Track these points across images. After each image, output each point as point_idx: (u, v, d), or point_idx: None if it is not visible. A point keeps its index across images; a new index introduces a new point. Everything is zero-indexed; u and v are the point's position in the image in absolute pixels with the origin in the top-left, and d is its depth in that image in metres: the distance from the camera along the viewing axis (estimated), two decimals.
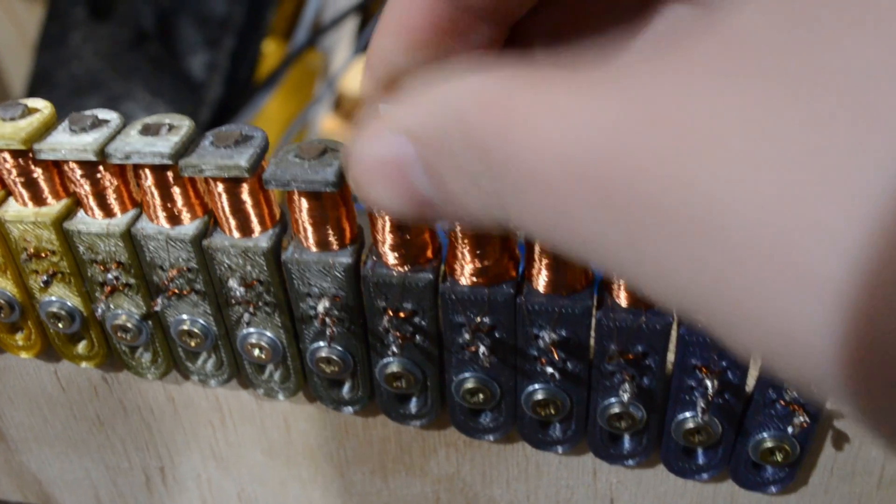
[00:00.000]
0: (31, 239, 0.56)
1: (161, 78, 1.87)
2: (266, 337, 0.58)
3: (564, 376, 0.55)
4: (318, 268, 0.53)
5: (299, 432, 0.66)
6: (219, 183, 0.52)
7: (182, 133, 0.52)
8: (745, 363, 0.52)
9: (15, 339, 0.63)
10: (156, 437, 0.69)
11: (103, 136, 0.53)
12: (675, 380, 0.54)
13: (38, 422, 0.71)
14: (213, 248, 0.54)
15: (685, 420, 0.56)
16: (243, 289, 0.55)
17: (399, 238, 0.52)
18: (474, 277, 0.53)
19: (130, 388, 0.66)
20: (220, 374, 0.62)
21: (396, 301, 0.54)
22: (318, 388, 0.61)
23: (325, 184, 0.50)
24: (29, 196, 0.56)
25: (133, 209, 0.56)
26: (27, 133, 0.52)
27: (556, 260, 0.51)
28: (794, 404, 0.53)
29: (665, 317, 0.51)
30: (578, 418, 0.58)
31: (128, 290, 0.58)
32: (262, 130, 0.53)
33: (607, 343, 0.53)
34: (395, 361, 0.57)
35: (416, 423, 0.61)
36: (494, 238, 0.51)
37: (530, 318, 0.53)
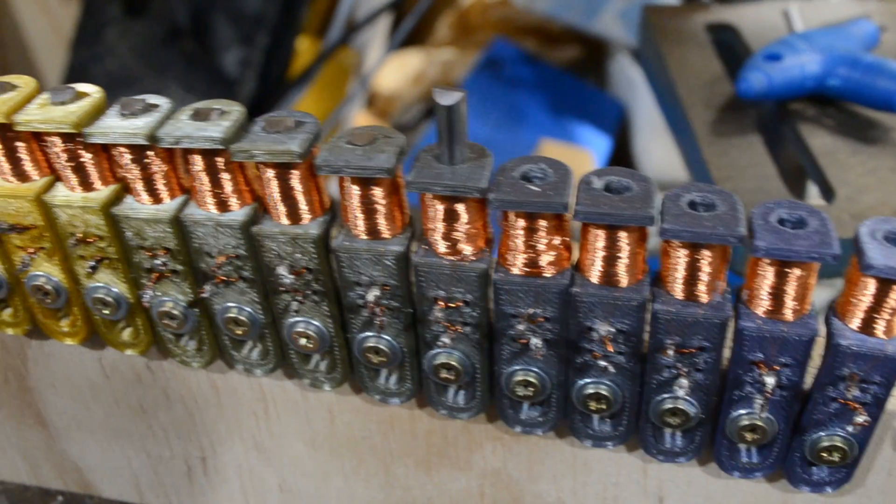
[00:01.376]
0: (78, 224, 0.56)
1: (195, 74, 1.87)
2: (313, 326, 0.57)
3: (617, 370, 0.54)
4: (369, 256, 0.53)
5: (343, 423, 0.65)
6: (269, 168, 0.52)
7: (233, 118, 0.52)
8: (803, 359, 0.51)
9: (60, 325, 0.63)
10: (198, 427, 0.69)
11: (154, 120, 0.52)
12: (731, 375, 0.53)
13: (81, 409, 0.71)
14: (263, 234, 0.54)
15: (740, 417, 0.54)
16: (292, 276, 0.54)
17: (451, 226, 0.51)
18: (527, 267, 0.52)
19: (174, 376, 0.66)
20: (266, 364, 0.61)
21: (447, 291, 0.53)
22: (365, 379, 0.60)
23: (379, 170, 0.49)
24: (77, 181, 0.55)
25: (181, 195, 0.56)
26: (78, 117, 0.52)
27: (612, 250, 0.50)
28: (853, 403, 0.52)
29: (723, 310, 0.50)
30: (630, 414, 0.57)
31: (174, 276, 0.57)
32: (314, 117, 0.52)
33: (663, 337, 0.52)
34: (444, 352, 0.56)
35: (463, 416, 0.60)
36: (549, 227, 0.50)
37: (584, 310, 0.52)
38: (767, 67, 0.92)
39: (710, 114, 0.97)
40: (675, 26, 1.14)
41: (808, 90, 0.94)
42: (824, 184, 0.86)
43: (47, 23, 2.16)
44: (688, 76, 1.04)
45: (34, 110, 0.53)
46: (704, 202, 0.49)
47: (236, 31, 1.89)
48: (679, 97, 1.00)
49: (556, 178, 0.50)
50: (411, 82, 2.10)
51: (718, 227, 0.47)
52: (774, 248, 0.47)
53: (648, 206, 0.48)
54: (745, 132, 0.94)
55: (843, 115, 0.95)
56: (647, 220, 0.48)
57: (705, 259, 0.49)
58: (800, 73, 0.92)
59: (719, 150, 0.91)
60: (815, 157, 0.89)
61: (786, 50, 0.93)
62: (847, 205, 0.82)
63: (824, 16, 1.13)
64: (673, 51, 1.09)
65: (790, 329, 0.50)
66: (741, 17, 1.15)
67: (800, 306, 0.50)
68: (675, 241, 0.49)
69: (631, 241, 0.50)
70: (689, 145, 0.97)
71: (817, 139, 0.92)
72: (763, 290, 0.50)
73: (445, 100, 0.48)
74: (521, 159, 0.51)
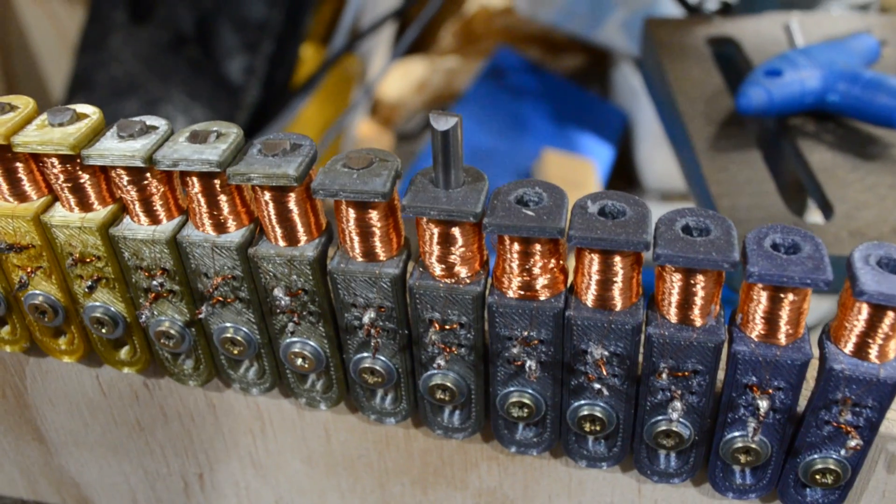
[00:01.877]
0: (76, 244, 0.56)
1: (199, 81, 1.88)
2: (309, 346, 0.57)
3: (612, 392, 0.54)
4: (364, 278, 0.53)
5: (339, 442, 0.65)
6: (266, 191, 0.52)
7: (230, 141, 0.52)
8: (797, 383, 0.51)
9: (58, 343, 0.63)
10: (195, 444, 0.69)
11: (151, 142, 0.52)
12: (724, 398, 0.53)
13: (79, 425, 0.71)
14: (259, 256, 0.54)
15: (734, 439, 0.55)
16: (288, 298, 0.54)
17: (446, 249, 0.51)
18: (522, 291, 0.52)
19: (171, 394, 0.66)
20: (262, 383, 0.61)
21: (443, 313, 0.53)
22: (361, 399, 0.60)
23: (375, 194, 0.49)
24: (75, 201, 0.56)
25: (179, 216, 0.56)
26: (76, 139, 0.52)
27: (606, 274, 0.50)
28: (846, 426, 0.52)
29: (717, 334, 0.50)
30: (624, 435, 0.57)
31: (172, 296, 0.57)
32: (311, 139, 0.52)
33: (657, 360, 0.52)
34: (439, 374, 0.56)
35: (458, 436, 0.60)
36: (544, 251, 0.50)
37: (579, 333, 0.52)
38: (767, 83, 0.92)
39: (710, 128, 0.97)
40: (677, 39, 1.14)
41: (808, 106, 0.94)
42: (823, 200, 0.86)
43: (52, 29, 2.17)
44: (688, 90, 1.04)
45: (33, 132, 0.53)
46: (698, 227, 0.50)
47: (241, 39, 1.89)
48: (679, 111, 1.00)
49: (550, 203, 0.50)
50: (415, 90, 2.11)
51: (712, 252, 0.47)
52: (767, 274, 0.47)
53: (643, 232, 0.48)
54: (745, 147, 0.94)
55: (842, 131, 0.95)
56: (642, 246, 0.48)
57: (699, 283, 0.49)
58: (800, 89, 0.93)
59: (718, 165, 0.91)
60: (815, 172, 0.89)
61: (786, 65, 0.94)
62: (845, 222, 0.82)
63: (825, 29, 1.13)
64: (674, 64, 1.09)
65: (784, 353, 0.50)
66: (742, 30, 1.15)
67: (793, 330, 0.50)
68: (670, 265, 0.49)
69: (625, 265, 0.50)
70: (688, 160, 0.97)
71: (816, 155, 0.92)
72: (757, 315, 0.50)
73: (441, 124, 0.48)
74: (517, 183, 0.52)
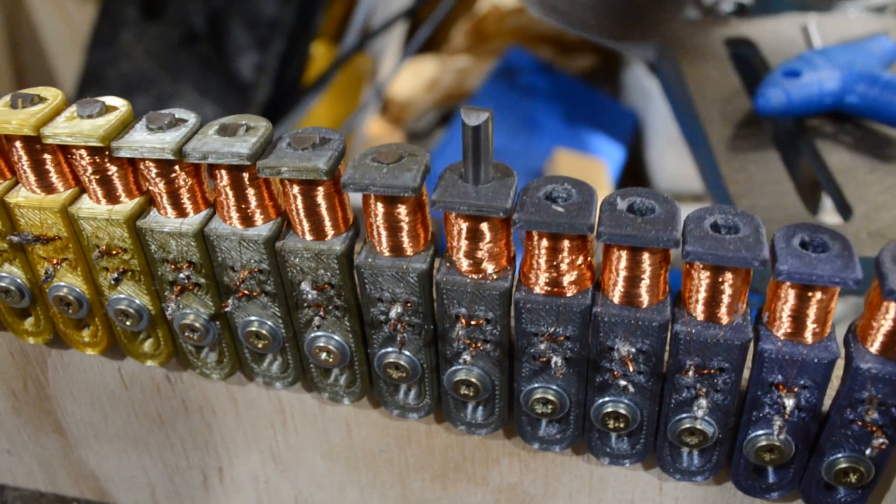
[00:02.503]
0: (103, 236, 0.56)
1: (210, 78, 1.88)
2: (334, 341, 0.57)
3: (637, 389, 0.54)
4: (392, 273, 0.53)
5: (361, 437, 0.65)
6: (295, 185, 0.52)
7: (259, 134, 0.52)
8: (823, 382, 0.51)
9: (81, 335, 0.64)
10: (216, 438, 0.69)
11: (181, 135, 0.53)
12: (750, 397, 0.53)
13: (99, 418, 0.71)
14: (286, 250, 0.54)
15: (758, 437, 0.55)
16: (315, 292, 0.54)
17: (474, 245, 0.51)
18: (549, 287, 0.52)
19: (193, 387, 0.66)
20: (286, 377, 0.61)
21: (469, 308, 0.53)
22: (384, 394, 0.61)
23: (405, 188, 0.49)
24: (103, 193, 0.56)
25: (206, 209, 0.56)
26: (105, 130, 0.52)
27: (634, 271, 0.50)
28: (872, 425, 0.52)
29: (744, 332, 0.50)
30: (647, 432, 0.57)
31: (197, 289, 0.57)
32: (340, 134, 0.53)
33: (683, 357, 0.52)
34: (464, 369, 0.56)
35: (481, 432, 0.60)
36: (572, 248, 0.50)
37: (605, 330, 0.52)
38: (786, 84, 0.92)
39: (727, 129, 0.97)
40: (694, 41, 1.15)
41: (826, 107, 0.94)
42: (841, 201, 0.86)
43: (63, 25, 2.17)
44: (706, 91, 1.04)
45: (62, 123, 0.53)
46: (727, 224, 0.50)
47: (252, 36, 1.89)
48: (697, 112, 1.00)
49: (580, 199, 0.50)
50: (426, 89, 2.11)
51: (741, 249, 0.47)
52: (797, 273, 0.47)
53: (673, 229, 0.48)
54: (763, 148, 0.94)
55: (860, 132, 0.95)
56: (672, 243, 0.48)
57: (727, 281, 0.49)
58: (818, 90, 0.93)
59: (737, 165, 0.91)
60: (833, 173, 0.89)
61: (804, 66, 0.94)
62: (865, 223, 0.82)
63: (843, 31, 1.13)
64: (691, 66, 1.09)
65: (810, 352, 0.50)
66: (759, 31, 1.15)
67: (820, 329, 0.50)
68: (698, 262, 0.49)
69: (654, 262, 0.50)
70: (706, 160, 0.97)
71: (835, 156, 0.92)
72: (784, 313, 0.50)
73: (472, 120, 0.48)
74: (546, 179, 0.52)
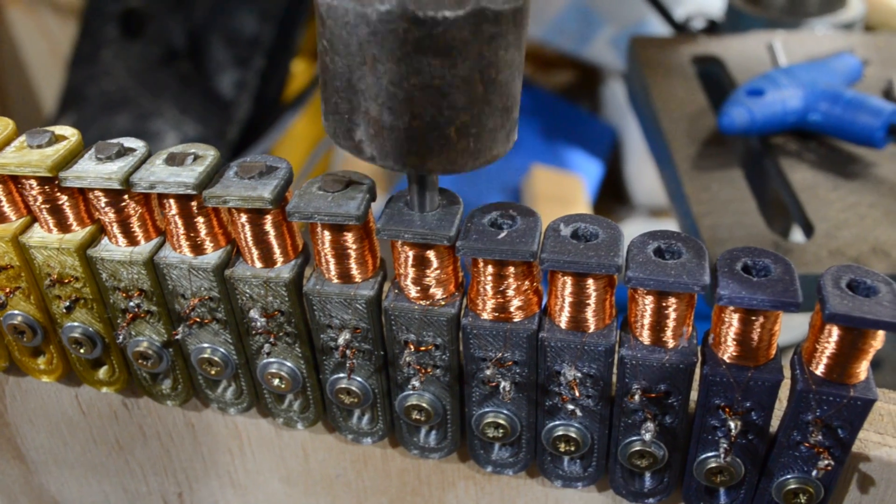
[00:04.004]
0: (54, 265, 0.57)
1: (190, 96, 1.88)
2: (286, 367, 0.58)
3: (585, 413, 0.55)
4: (340, 300, 0.53)
5: (318, 462, 0.65)
6: (242, 214, 0.52)
7: (207, 163, 0.52)
8: (769, 404, 0.52)
9: (37, 362, 0.64)
10: (175, 463, 0.69)
11: (129, 164, 0.53)
12: (697, 419, 0.53)
13: (58, 444, 0.71)
14: (236, 277, 0.54)
15: (707, 459, 0.55)
16: (264, 319, 0.54)
17: (421, 272, 0.52)
18: (496, 312, 0.52)
19: (150, 413, 0.66)
20: (240, 403, 0.62)
21: (418, 334, 0.54)
22: (338, 419, 0.61)
23: (348, 217, 0.50)
24: (54, 222, 0.56)
25: (156, 237, 0.56)
26: (53, 161, 0.53)
27: (579, 297, 0.51)
28: (818, 447, 0.52)
29: (689, 356, 0.51)
30: (599, 455, 0.57)
31: (149, 317, 0.58)
32: (287, 161, 0.53)
33: (630, 381, 0.52)
34: (415, 394, 0.56)
35: (434, 456, 0.60)
36: (517, 274, 0.51)
37: (553, 355, 0.52)
38: (749, 102, 0.93)
39: (692, 147, 0.97)
40: (662, 58, 1.15)
41: (790, 125, 0.95)
42: (804, 219, 0.87)
43: (44, 43, 2.17)
44: (672, 109, 1.05)
45: (11, 154, 0.54)
46: (670, 249, 0.50)
47: (232, 54, 1.89)
48: (663, 130, 1.01)
49: (523, 226, 0.50)
50: None
51: (683, 275, 0.48)
52: (737, 297, 0.47)
53: (615, 255, 0.48)
54: (727, 166, 0.94)
55: (823, 150, 0.95)
56: (614, 269, 0.48)
57: (671, 306, 0.50)
58: (781, 109, 0.93)
59: (701, 184, 0.92)
60: (796, 192, 0.90)
61: (768, 85, 0.94)
62: (825, 241, 0.83)
63: (809, 48, 1.14)
64: (658, 83, 1.10)
65: (755, 375, 0.51)
66: (727, 49, 1.16)
67: (765, 352, 0.51)
68: (642, 288, 0.50)
69: (598, 287, 0.50)
70: (671, 178, 0.97)
71: (798, 174, 0.92)
72: (728, 337, 0.50)
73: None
74: (491, 206, 0.52)
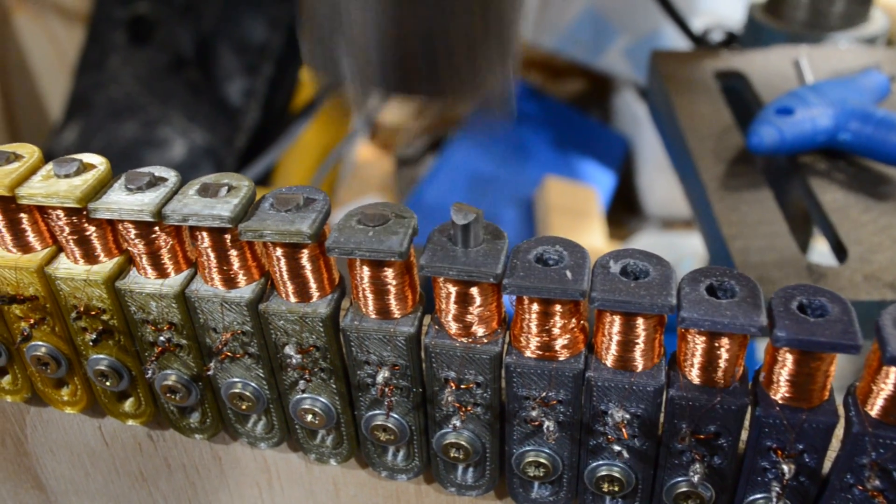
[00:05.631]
0: (81, 297, 0.55)
1: (198, 103, 1.87)
2: (320, 402, 0.56)
3: (631, 453, 0.53)
4: (379, 336, 0.51)
5: (349, 497, 0.63)
6: (278, 248, 0.50)
7: (242, 195, 0.51)
8: (823, 447, 0.50)
9: (60, 394, 0.62)
10: (200, 497, 0.67)
11: (160, 195, 0.51)
12: (747, 461, 0.52)
13: (80, 475, 0.69)
14: (270, 312, 0.52)
15: (755, 501, 0.53)
16: (299, 355, 0.53)
17: (464, 308, 0.50)
18: (541, 350, 0.50)
19: (176, 445, 0.64)
20: (271, 438, 0.60)
21: (459, 372, 0.52)
22: (372, 455, 0.59)
23: (391, 253, 0.48)
24: (80, 253, 0.54)
25: (187, 269, 0.54)
26: (82, 191, 0.51)
27: (628, 336, 0.49)
28: (873, 491, 0.51)
29: (741, 397, 0.49)
30: (643, 495, 0.55)
31: (179, 350, 0.56)
32: (325, 194, 0.51)
33: (679, 422, 0.50)
34: (454, 432, 0.54)
35: (472, 494, 0.59)
36: (564, 312, 0.49)
37: (599, 394, 0.51)
38: (779, 122, 0.91)
39: (720, 167, 0.96)
40: (684, 73, 1.14)
41: (819, 144, 0.93)
42: (836, 242, 0.85)
43: (51, 49, 2.15)
44: (697, 126, 1.03)
45: (38, 183, 0.52)
46: (723, 287, 0.48)
47: (240, 61, 1.88)
48: (689, 148, 0.99)
49: (571, 261, 0.49)
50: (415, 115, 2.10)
51: (739, 316, 0.46)
52: (796, 339, 0.46)
53: (668, 294, 0.47)
54: (756, 186, 0.93)
55: (854, 170, 0.94)
56: (667, 309, 0.46)
57: (724, 347, 0.48)
58: (811, 128, 0.91)
59: (730, 205, 0.90)
60: (827, 213, 0.88)
61: (797, 103, 0.93)
62: (860, 265, 0.81)
63: (834, 63, 1.12)
64: (682, 99, 1.08)
65: (809, 416, 0.49)
66: (750, 64, 1.14)
67: (819, 393, 0.49)
68: (694, 328, 0.48)
69: (648, 327, 0.49)
70: (698, 198, 0.96)
71: (828, 194, 0.90)
72: (782, 377, 0.49)
73: (461, 219, 0.48)
74: (536, 240, 0.50)
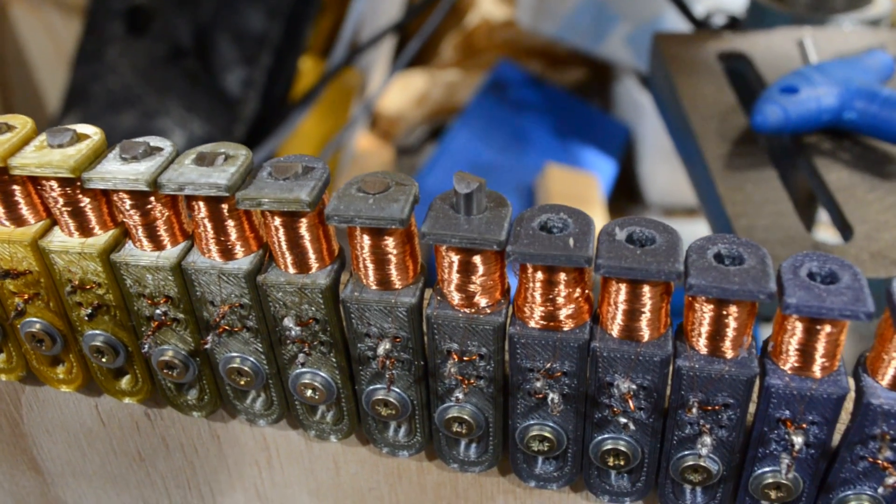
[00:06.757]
0: (76, 270, 0.54)
1: (196, 94, 1.85)
2: (320, 377, 0.55)
3: (638, 426, 0.52)
4: (379, 307, 0.50)
5: (349, 475, 0.62)
6: (276, 216, 0.49)
7: (239, 163, 0.49)
8: (833, 418, 0.49)
9: (56, 371, 0.61)
10: (198, 475, 0.66)
11: (156, 165, 0.50)
12: (756, 433, 0.51)
13: (76, 456, 0.68)
14: (268, 284, 0.51)
15: (764, 475, 0.52)
16: (299, 328, 0.52)
17: (466, 278, 0.49)
18: (545, 321, 0.49)
19: (174, 424, 0.63)
20: (270, 414, 0.59)
21: (462, 344, 0.51)
22: (373, 431, 0.58)
23: (392, 220, 0.47)
24: (75, 226, 0.53)
25: (183, 241, 0.53)
26: (76, 161, 0.50)
27: (634, 304, 0.48)
28: (885, 463, 0.50)
29: (750, 367, 0.48)
30: (649, 469, 0.55)
31: (176, 325, 0.55)
32: (324, 162, 0.50)
33: (686, 393, 0.49)
34: (456, 406, 0.53)
35: (474, 470, 0.58)
36: (569, 280, 0.48)
37: (605, 365, 0.50)
38: (783, 100, 0.90)
39: (723, 147, 0.95)
40: (687, 55, 1.12)
41: (824, 123, 0.92)
42: (842, 221, 0.84)
43: (49, 40, 2.14)
44: (700, 107, 1.02)
45: (31, 153, 0.51)
46: (731, 255, 0.47)
47: (239, 51, 1.87)
48: (692, 129, 0.98)
49: (576, 229, 0.48)
50: (415, 104, 2.09)
51: (747, 282, 0.45)
52: (806, 306, 0.45)
53: (675, 260, 0.46)
54: (760, 166, 0.92)
55: (859, 149, 0.93)
56: (674, 276, 0.45)
57: (732, 315, 0.47)
58: (816, 107, 0.90)
59: (734, 185, 0.89)
60: (832, 192, 0.87)
61: (802, 82, 0.91)
62: (866, 243, 0.80)
63: (838, 45, 1.11)
64: (685, 81, 1.07)
65: (819, 387, 0.48)
66: (753, 45, 1.13)
67: (829, 363, 0.48)
68: (702, 296, 0.47)
69: (654, 295, 0.47)
70: (702, 179, 0.95)
71: (833, 174, 0.90)
72: (791, 346, 0.48)
73: (463, 188, 0.47)
74: (540, 208, 0.49)
